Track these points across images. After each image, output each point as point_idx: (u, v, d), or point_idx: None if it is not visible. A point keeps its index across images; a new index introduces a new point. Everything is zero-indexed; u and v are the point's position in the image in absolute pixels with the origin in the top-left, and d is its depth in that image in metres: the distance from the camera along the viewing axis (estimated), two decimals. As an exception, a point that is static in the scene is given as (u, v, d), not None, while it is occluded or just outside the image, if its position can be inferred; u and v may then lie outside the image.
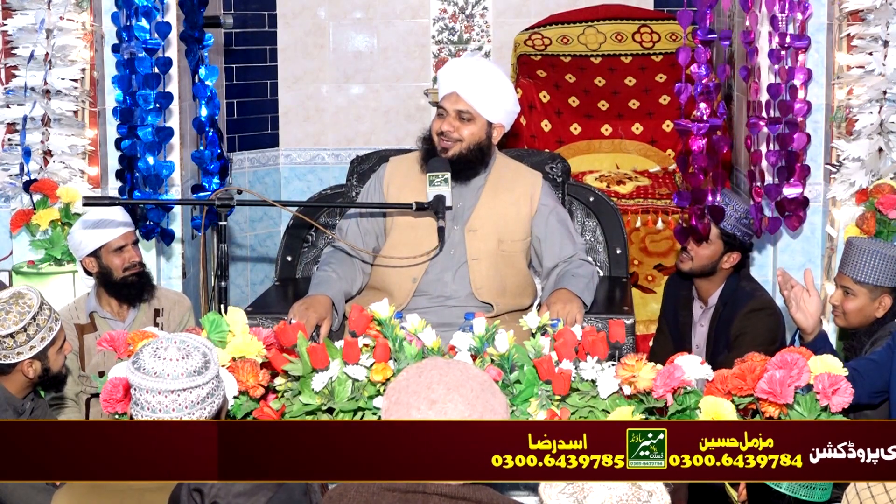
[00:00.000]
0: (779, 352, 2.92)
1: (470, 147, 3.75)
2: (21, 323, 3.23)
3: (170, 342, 2.36)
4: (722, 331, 4.08)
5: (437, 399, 2.10)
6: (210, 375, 2.35)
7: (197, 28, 4.48)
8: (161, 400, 2.30)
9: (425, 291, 3.76)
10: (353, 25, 6.40)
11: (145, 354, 2.34)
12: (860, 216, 4.34)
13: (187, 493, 2.34)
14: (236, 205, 3.44)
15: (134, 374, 2.33)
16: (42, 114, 4.34)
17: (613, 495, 1.95)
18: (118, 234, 3.94)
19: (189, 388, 2.32)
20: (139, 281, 3.98)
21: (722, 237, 4.07)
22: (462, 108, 3.74)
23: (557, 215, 3.88)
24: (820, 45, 4.49)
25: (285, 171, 6.48)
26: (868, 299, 3.72)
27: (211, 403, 2.36)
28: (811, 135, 4.43)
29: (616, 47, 5.83)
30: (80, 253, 3.99)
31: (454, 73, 3.79)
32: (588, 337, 3.04)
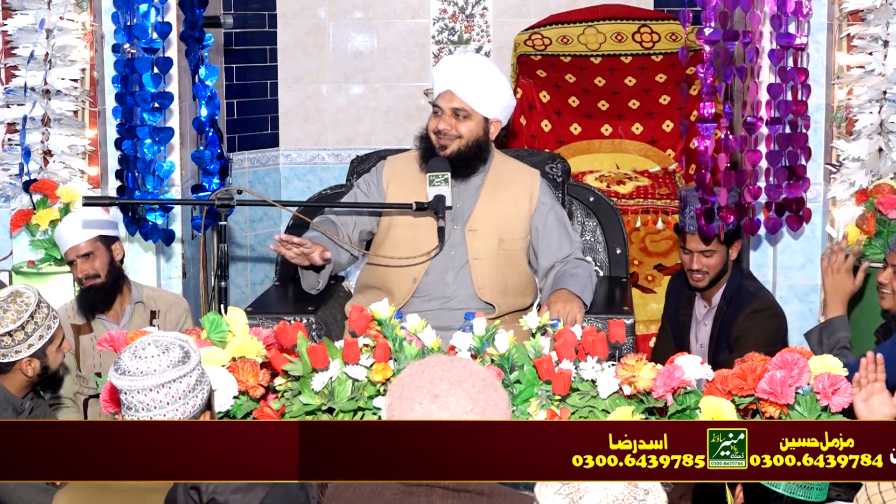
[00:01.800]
0: (779, 352, 2.92)
1: (468, 144, 3.75)
2: (19, 321, 3.23)
3: (145, 343, 2.37)
4: (725, 330, 4.08)
5: (440, 394, 2.10)
6: (194, 363, 2.37)
7: (197, 28, 4.48)
8: (154, 397, 2.31)
9: (426, 292, 3.76)
10: (353, 25, 6.40)
11: (125, 358, 2.35)
12: (860, 216, 4.34)
13: (184, 491, 2.34)
14: (236, 205, 3.44)
15: (120, 378, 2.33)
16: (42, 114, 4.34)
17: (609, 495, 1.95)
18: (65, 249, 3.98)
19: (177, 379, 2.33)
20: (95, 296, 3.98)
21: (720, 240, 4.08)
22: (457, 105, 3.74)
23: (555, 213, 3.87)
24: (820, 45, 4.49)
25: (285, 171, 6.48)
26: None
27: (201, 391, 2.38)
28: (811, 135, 4.43)
29: (616, 47, 5.83)
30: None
31: (447, 70, 3.78)
32: (588, 337, 3.04)
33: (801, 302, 4.71)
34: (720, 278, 4.13)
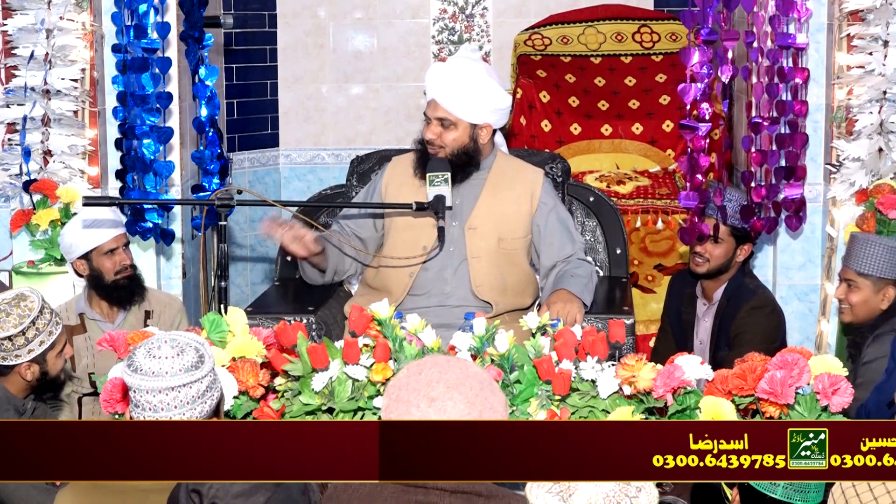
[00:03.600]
0: (779, 351, 2.92)
1: (454, 152, 3.75)
2: (20, 326, 3.22)
3: (161, 341, 2.35)
4: (724, 326, 4.09)
5: (437, 397, 2.10)
6: (206, 369, 2.35)
7: (197, 28, 4.48)
8: (162, 398, 2.30)
9: (425, 289, 3.77)
10: (353, 25, 6.40)
11: (139, 355, 2.33)
12: (860, 216, 4.34)
13: (186, 493, 2.34)
14: (236, 205, 3.44)
15: (131, 376, 2.32)
16: (42, 114, 4.34)
17: (600, 492, 1.95)
18: (109, 237, 3.94)
19: (188, 384, 2.31)
20: (130, 284, 3.97)
21: (732, 233, 4.10)
22: (441, 115, 3.74)
23: (558, 213, 3.87)
24: (820, 45, 4.49)
25: (285, 171, 6.47)
26: (872, 291, 3.74)
27: (210, 397, 2.36)
28: (811, 135, 4.43)
29: (616, 47, 5.83)
30: (70, 255, 3.99)
31: (433, 79, 3.78)
32: (588, 337, 3.04)
33: (801, 302, 4.72)
34: (720, 273, 4.14)
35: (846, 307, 3.81)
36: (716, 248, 4.10)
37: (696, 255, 4.14)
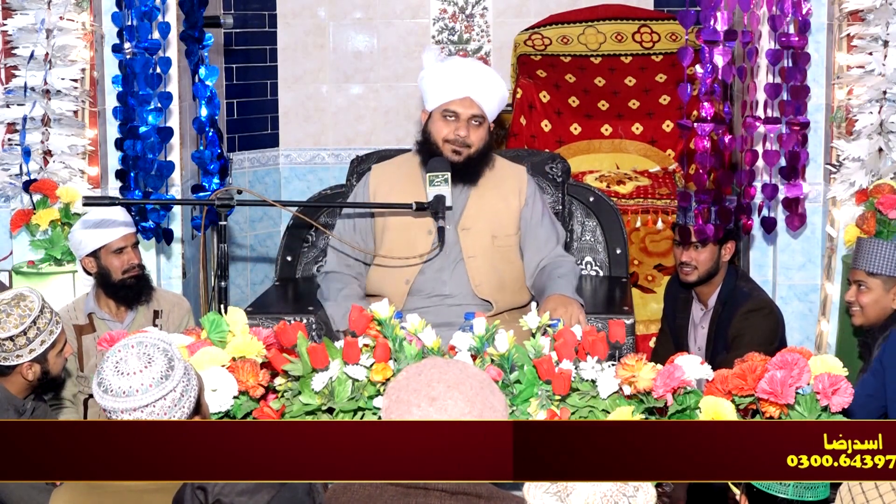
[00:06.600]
0: (779, 352, 2.92)
1: (479, 151, 3.75)
2: (21, 326, 3.22)
3: (128, 349, 2.29)
4: (721, 332, 4.09)
5: (437, 396, 2.11)
6: (178, 375, 2.31)
7: (197, 28, 4.48)
8: (139, 416, 2.25)
9: (422, 291, 3.76)
10: (353, 25, 6.40)
11: (107, 373, 2.27)
12: (860, 216, 4.34)
13: (191, 491, 2.33)
14: (236, 205, 3.44)
15: (103, 397, 2.27)
16: (42, 114, 4.34)
17: (597, 492, 1.95)
18: (118, 236, 3.94)
19: (163, 397, 2.27)
20: (137, 283, 3.97)
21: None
22: (476, 112, 3.73)
23: (542, 207, 3.89)
24: (820, 45, 4.49)
25: (285, 171, 6.48)
26: (882, 291, 3.75)
27: (187, 399, 2.33)
28: (811, 135, 4.42)
29: (616, 47, 5.83)
30: (79, 252, 3.99)
31: (466, 76, 3.73)
32: (588, 337, 3.04)
33: (801, 302, 4.72)
34: (711, 277, 4.15)
35: (857, 309, 3.80)
36: (699, 253, 4.12)
37: (683, 266, 4.16)
